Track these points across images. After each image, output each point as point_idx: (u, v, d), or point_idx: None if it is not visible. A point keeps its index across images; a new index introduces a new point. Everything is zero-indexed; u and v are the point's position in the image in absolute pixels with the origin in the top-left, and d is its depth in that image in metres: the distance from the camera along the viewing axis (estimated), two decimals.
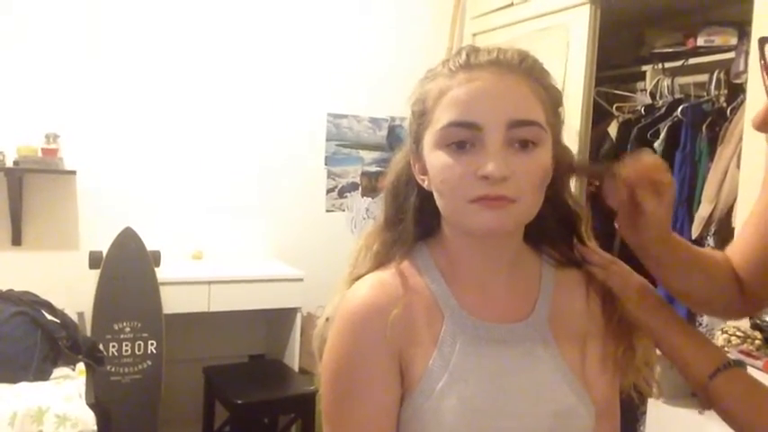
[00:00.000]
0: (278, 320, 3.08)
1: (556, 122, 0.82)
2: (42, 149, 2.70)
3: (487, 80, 0.76)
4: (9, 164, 2.66)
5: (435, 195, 0.80)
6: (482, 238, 0.80)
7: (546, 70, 0.82)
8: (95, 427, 1.91)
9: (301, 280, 2.88)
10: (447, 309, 0.81)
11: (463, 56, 0.79)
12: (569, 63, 2.66)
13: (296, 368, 2.90)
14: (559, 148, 0.84)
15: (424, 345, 0.80)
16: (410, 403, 0.78)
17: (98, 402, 2.02)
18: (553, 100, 0.81)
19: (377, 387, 0.79)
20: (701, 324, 2.36)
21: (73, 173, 2.78)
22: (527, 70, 0.78)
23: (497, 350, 0.80)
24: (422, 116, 0.82)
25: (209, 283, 2.76)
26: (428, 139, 0.80)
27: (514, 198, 0.75)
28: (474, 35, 3.38)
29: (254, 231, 3.20)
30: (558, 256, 0.90)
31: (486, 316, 0.82)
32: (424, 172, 0.82)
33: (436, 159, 0.78)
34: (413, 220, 0.87)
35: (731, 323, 1.99)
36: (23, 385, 2.03)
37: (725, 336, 1.91)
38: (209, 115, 3.08)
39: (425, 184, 0.83)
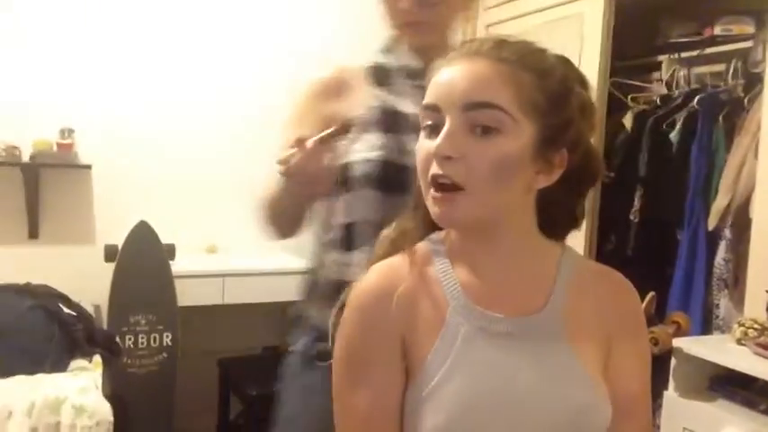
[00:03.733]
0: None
1: (553, 119, 0.78)
2: (57, 144, 2.72)
3: (455, 66, 0.78)
4: (25, 158, 2.69)
5: None
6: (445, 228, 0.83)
7: (552, 61, 0.80)
8: (112, 418, 1.94)
9: None
10: (452, 297, 0.81)
11: (457, 48, 0.82)
12: (584, 54, 2.63)
13: None
14: (581, 153, 0.82)
15: (428, 332, 0.80)
16: (412, 389, 0.79)
17: (114, 394, 2.04)
18: (550, 93, 0.78)
19: (381, 371, 0.80)
20: (717, 316, 2.34)
21: (88, 167, 2.81)
22: (503, 58, 0.77)
23: (503, 343, 0.79)
24: None
25: (224, 275, 2.78)
26: None
27: (461, 184, 0.75)
28: (487, 26, 3.36)
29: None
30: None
31: (494, 307, 0.81)
32: None
33: (419, 142, 0.81)
34: (426, 210, 0.86)
35: (748, 316, 1.97)
36: (41, 377, 2.06)
37: (741, 329, 1.89)
38: (224, 109, 3.09)
39: None
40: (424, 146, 0.79)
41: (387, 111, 1.20)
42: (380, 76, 1.24)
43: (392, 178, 1.15)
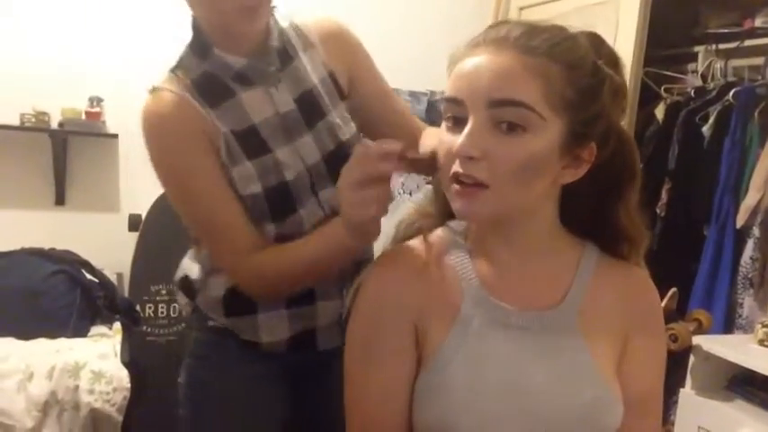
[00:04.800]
0: None
1: (582, 113, 0.74)
2: (86, 112, 2.74)
3: (481, 57, 0.74)
4: (54, 125, 2.72)
5: None
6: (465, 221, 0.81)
7: (582, 52, 0.75)
8: (129, 385, 1.97)
9: None
10: (468, 287, 0.80)
11: (483, 32, 0.77)
12: (618, 41, 2.57)
13: None
14: (619, 151, 0.80)
15: (441, 320, 0.79)
16: (422, 376, 0.79)
17: (133, 361, 2.07)
18: (579, 86, 0.74)
19: (392, 356, 0.80)
20: (740, 316, 2.30)
21: (115, 136, 2.83)
22: (531, 49, 0.72)
23: (517, 336, 0.79)
24: None
25: None
26: None
27: (486, 182, 0.72)
28: (521, 9, 3.29)
29: None
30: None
31: (510, 300, 0.80)
32: None
33: (441, 133, 0.78)
34: (435, 203, 0.87)
35: None
36: (62, 341, 2.10)
37: (765, 330, 1.86)
38: None
39: None
40: (446, 140, 0.76)
41: (241, 134, 1.06)
42: (213, 90, 1.07)
43: (278, 205, 1.08)
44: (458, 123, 0.75)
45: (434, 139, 0.84)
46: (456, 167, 0.74)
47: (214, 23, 1.06)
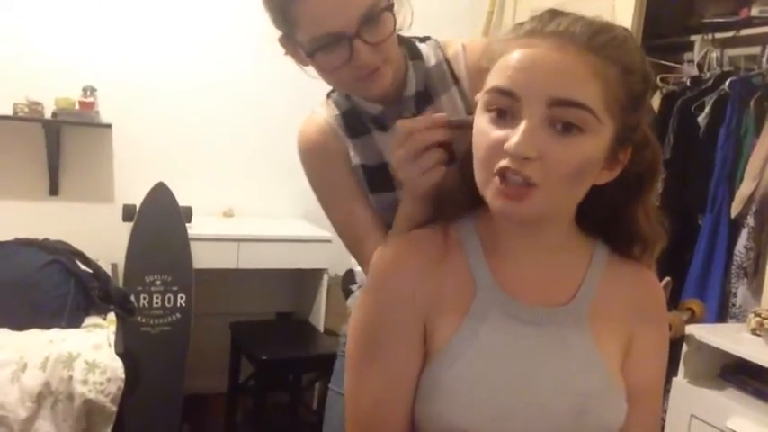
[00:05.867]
0: (306, 280, 3.11)
1: (630, 118, 0.73)
2: (79, 102, 2.73)
3: (541, 51, 0.70)
4: (48, 115, 2.70)
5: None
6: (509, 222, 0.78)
7: (637, 55, 0.73)
8: (123, 375, 1.97)
9: (329, 241, 2.89)
10: (481, 282, 0.79)
11: (536, 21, 0.73)
12: None
13: (321, 328, 2.93)
14: (644, 152, 0.79)
15: (452, 314, 0.78)
16: (430, 370, 0.77)
17: (127, 351, 2.07)
18: (632, 91, 0.72)
19: (399, 347, 0.78)
20: (734, 305, 2.31)
21: (109, 126, 2.82)
22: (595, 48, 0.70)
23: (528, 332, 0.78)
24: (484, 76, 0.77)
25: (239, 240, 2.79)
26: (480, 101, 0.76)
27: (537, 182, 0.70)
28: (516, 1, 3.28)
29: (285, 192, 3.19)
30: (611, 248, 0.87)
31: (522, 296, 0.79)
32: None
33: (478, 123, 0.75)
34: (468, 188, 0.82)
35: (765, 306, 1.94)
36: (56, 331, 2.09)
37: (757, 318, 1.86)
38: (244, 72, 3.07)
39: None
40: (488, 132, 0.72)
41: (370, 169, 1.10)
42: (352, 125, 1.11)
43: None
44: (502, 116, 0.72)
45: None
46: (504, 163, 0.70)
47: (342, 91, 1.12)
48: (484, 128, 0.73)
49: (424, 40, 1.14)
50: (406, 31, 1.09)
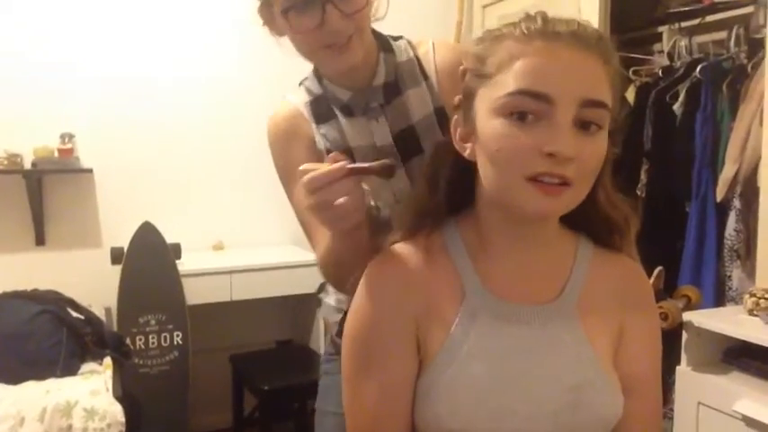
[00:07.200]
0: (303, 306, 3.09)
1: (616, 112, 0.78)
2: (58, 150, 2.73)
3: (566, 53, 0.72)
4: (27, 166, 2.69)
5: (483, 166, 0.76)
6: (526, 220, 0.77)
7: (616, 53, 0.77)
8: (123, 419, 1.94)
9: None
10: (469, 286, 0.80)
11: (539, 21, 0.74)
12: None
13: (322, 353, 2.91)
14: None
15: (443, 319, 0.79)
16: (425, 376, 0.78)
17: (127, 395, 2.05)
18: (619, 87, 0.78)
19: (392, 355, 0.79)
20: (730, 288, 2.31)
21: (90, 171, 2.81)
22: (603, 50, 0.74)
23: (519, 331, 0.79)
24: (479, 78, 0.77)
25: (231, 272, 2.78)
26: (484, 103, 0.75)
27: (573, 181, 0.72)
28: (484, 7, 3.31)
29: (273, 219, 3.19)
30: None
31: (511, 296, 0.80)
32: (468, 139, 0.79)
33: (493, 127, 0.73)
34: (445, 193, 0.84)
35: (760, 286, 1.93)
36: (52, 381, 2.07)
37: (753, 299, 1.85)
38: (221, 106, 3.07)
39: (467, 153, 0.79)
40: (517, 137, 0.72)
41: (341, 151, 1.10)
42: (320, 111, 1.14)
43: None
44: (523, 118, 0.72)
45: None
46: (544, 167, 0.71)
47: (312, 62, 1.13)
48: (506, 130, 0.72)
49: (397, 39, 1.18)
50: (379, 25, 1.13)
